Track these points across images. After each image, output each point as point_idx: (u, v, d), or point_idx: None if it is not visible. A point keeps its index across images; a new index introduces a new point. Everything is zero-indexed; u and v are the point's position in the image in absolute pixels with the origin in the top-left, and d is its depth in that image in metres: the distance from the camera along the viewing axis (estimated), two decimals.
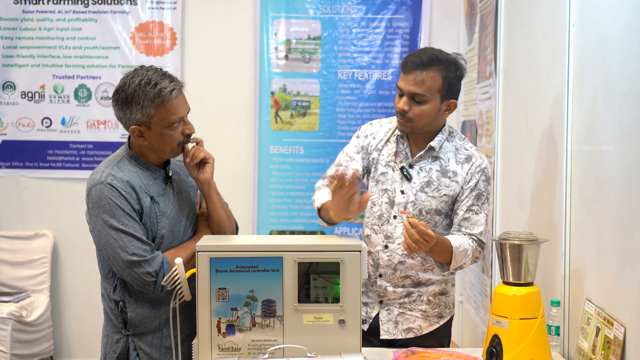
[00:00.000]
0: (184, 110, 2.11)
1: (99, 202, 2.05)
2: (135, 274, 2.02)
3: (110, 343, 2.15)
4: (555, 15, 2.41)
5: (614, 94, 1.92)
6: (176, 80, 2.11)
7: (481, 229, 2.26)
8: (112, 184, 2.05)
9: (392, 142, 2.36)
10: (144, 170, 2.14)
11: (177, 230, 2.16)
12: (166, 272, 2.04)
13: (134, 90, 2.06)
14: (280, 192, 4.40)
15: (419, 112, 2.23)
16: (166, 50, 4.42)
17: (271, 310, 1.89)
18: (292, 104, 4.39)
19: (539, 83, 2.60)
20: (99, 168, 2.13)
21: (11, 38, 4.43)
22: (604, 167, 1.97)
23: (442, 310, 2.36)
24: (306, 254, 1.88)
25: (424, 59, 2.21)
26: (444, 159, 2.30)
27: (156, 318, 2.13)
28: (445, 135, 2.32)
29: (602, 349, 1.89)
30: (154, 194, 2.12)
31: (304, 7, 4.37)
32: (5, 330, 3.94)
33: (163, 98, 2.05)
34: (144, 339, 2.13)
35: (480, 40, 3.58)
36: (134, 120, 2.07)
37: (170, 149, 2.13)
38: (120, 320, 2.12)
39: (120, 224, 2.03)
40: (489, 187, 2.30)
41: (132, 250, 2.02)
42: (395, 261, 2.30)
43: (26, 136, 4.48)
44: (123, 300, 2.11)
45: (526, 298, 1.98)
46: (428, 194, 2.28)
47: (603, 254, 1.97)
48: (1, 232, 4.47)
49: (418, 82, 2.20)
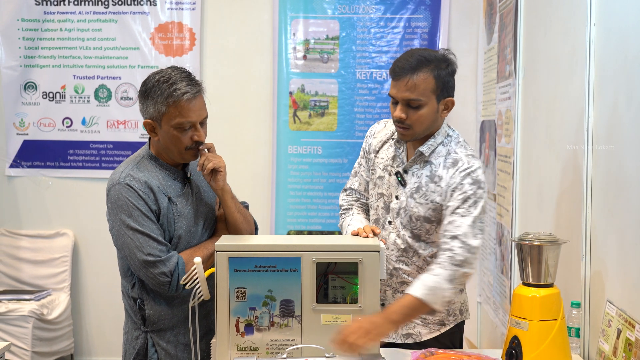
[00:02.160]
0: (195, 116, 2.10)
1: (117, 202, 2.09)
2: (150, 273, 2.06)
3: (130, 339, 2.21)
4: (575, 14, 2.39)
5: (635, 94, 1.90)
6: (196, 85, 2.11)
7: (465, 231, 2.06)
8: (130, 185, 2.08)
9: (391, 146, 2.31)
10: (163, 171, 2.17)
11: (195, 231, 2.18)
12: (181, 273, 2.07)
13: (153, 85, 2.10)
14: (298, 192, 4.40)
15: (417, 118, 2.14)
16: (185, 50, 4.44)
17: (289, 310, 1.89)
18: (310, 104, 4.39)
19: (559, 83, 2.58)
20: (119, 168, 2.16)
21: (33, 39, 4.48)
22: (625, 167, 1.95)
23: (444, 317, 2.30)
24: (324, 254, 1.88)
25: (412, 62, 2.12)
26: (434, 164, 2.20)
27: (173, 315, 2.16)
28: (440, 139, 2.22)
29: (624, 351, 1.87)
30: (172, 194, 2.15)
31: (323, 7, 4.37)
32: (26, 328, 3.99)
33: (175, 98, 2.07)
34: (161, 335, 2.17)
35: (500, 39, 3.56)
36: (147, 113, 2.12)
37: (178, 151, 2.14)
38: (139, 317, 2.17)
39: (137, 224, 2.06)
40: (479, 190, 2.12)
41: (148, 251, 2.05)
42: (391, 267, 2.27)
43: (47, 136, 4.53)
44: (141, 298, 2.15)
45: (546, 299, 1.97)
46: (416, 200, 2.20)
47: (624, 255, 1.95)
48: (22, 231, 4.52)
49: (410, 87, 2.11)
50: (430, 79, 2.12)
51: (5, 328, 4.00)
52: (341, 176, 4.38)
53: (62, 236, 4.48)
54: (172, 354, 2.18)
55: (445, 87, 2.16)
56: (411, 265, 2.25)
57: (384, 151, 2.32)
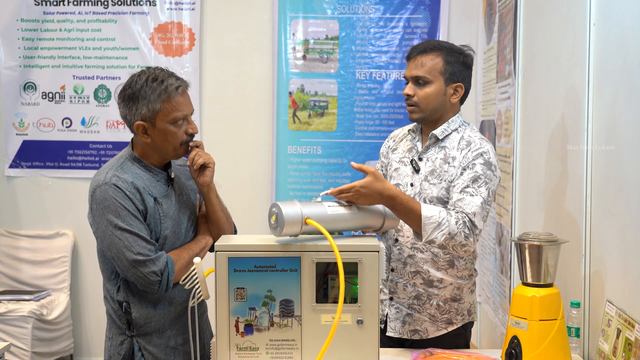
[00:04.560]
0: (188, 108, 2.14)
1: (103, 203, 2.07)
2: (140, 273, 2.05)
3: (115, 345, 2.18)
4: (575, 14, 2.39)
5: (635, 94, 1.90)
6: (182, 79, 2.16)
7: (475, 210, 2.12)
8: (117, 185, 2.07)
9: (407, 140, 2.40)
10: (146, 172, 2.17)
11: (179, 232, 2.20)
12: (170, 272, 2.08)
13: (141, 86, 2.10)
14: (297, 192, 4.40)
15: (423, 95, 2.27)
16: (185, 50, 4.44)
17: (289, 310, 1.89)
18: (309, 104, 4.39)
19: (558, 82, 2.58)
20: (102, 169, 2.15)
21: (32, 39, 4.48)
22: (624, 167, 1.95)
23: (452, 316, 2.32)
24: (324, 254, 1.88)
25: (426, 45, 2.31)
26: (449, 148, 2.29)
27: (160, 318, 2.15)
28: (454, 126, 2.31)
29: (623, 351, 1.87)
30: (157, 195, 2.15)
31: (322, 7, 4.37)
32: (26, 328, 3.99)
33: (169, 94, 2.09)
34: (148, 339, 2.16)
35: (499, 39, 3.56)
36: (139, 115, 2.10)
37: (173, 148, 2.15)
38: (124, 322, 2.15)
39: (125, 224, 2.05)
40: (488, 172, 2.19)
41: (137, 250, 2.05)
42: (405, 254, 2.31)
43: (47, 136, 4.53)
44: (127, 301, 2.14)
45: (546, 299, 1.97)
46: (430, 181, 2.27)
47: (624, 255, 1.95)
48: (22, 231, 4.52)
49: (418, 65, 2.28)
50: (439, 60, 2.27)
51: (4, 328, 4.00)
52: (341, 176, 4.38)
53: (61, 236, 4.48)
54: (160, 357, 2.16)
55: (454, 72, 2.28)
56: (426, 251, 2.29)
57: (401, 146, 2.42)
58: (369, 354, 1.89)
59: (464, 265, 2.30)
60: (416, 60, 2.29)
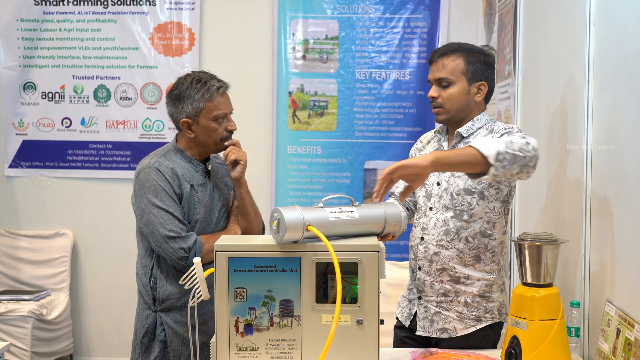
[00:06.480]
0: (227, 107, 2.43)
1: (145, 184, 2.33)
2: (170, 248, 2.29)
3: (141, 319, 2.41)
4: (575, 14, 2.39)
5: (635, 94, 1.90)
6: (222, 81, 2.44)
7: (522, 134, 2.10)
8: (158, 169, 2.34)
9: (434, 141, 2.45)
10: (187, 162, 2.42)
11: (210, 219, 2.43)
12: (198, 251, 2.30)
13: (187, 87, 2.38)
14: (297, 192, 4.40)
15: (447, 96, 2.30)
16: (184, 50, 4.44)
17: (289, 310, 1.89)
18: (309, 104, 4.39)
19: (558, 83, 2.58)
20: (147, 157, 2.42)
21: (32, 39, 4.48)
22: (624, 167, 1.95)
23: (480, 314, 2.31)
24: (324, 254, 1.88)
25: (446, 48, 2.34)
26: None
27: (182, 296, 2.35)
28: (480, 124, 2.32)
29: (623, 351, 1.87)
30: (194, 182, 2.40)
31: (322, 7, 4.37)
32: (25, 328, 3.99)
33: (211, 94, 2.37)
34: (169, 315, 2.38)
35: (499, 39, 3.56)
36: (184, 113, 2.37)
37: (214, 143, 2.41)
38: (151, 297, 2.38)
39: (162, 203, 2.31)
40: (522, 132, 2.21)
41: (170, 227, 2.30)
42: (431, 252, 2.32)
43: (46, 136, 4.53)
44: (155, 277, 2.37)
45: (545, 299, 1.97)
46: (456, 175, 2.30)
47: (624, 255, 1.95)
48: (22, 231, 4.52)
49: (440, 67, 2.31)
50: (460, 61, 2.30)
51: (4, 328, 4.00)
52: (340, 176, 4.38)
53: (61, 236, 4.48)
54: (179, 333, 2.36)
55: (476, 71, 2.31)
56: (451, 248, 2.29)
57: (428, 148, 2.46)
58: (368, 354, 1.89)
59: (490, 258, 2.30)
60: (438, 63, 2.32)
